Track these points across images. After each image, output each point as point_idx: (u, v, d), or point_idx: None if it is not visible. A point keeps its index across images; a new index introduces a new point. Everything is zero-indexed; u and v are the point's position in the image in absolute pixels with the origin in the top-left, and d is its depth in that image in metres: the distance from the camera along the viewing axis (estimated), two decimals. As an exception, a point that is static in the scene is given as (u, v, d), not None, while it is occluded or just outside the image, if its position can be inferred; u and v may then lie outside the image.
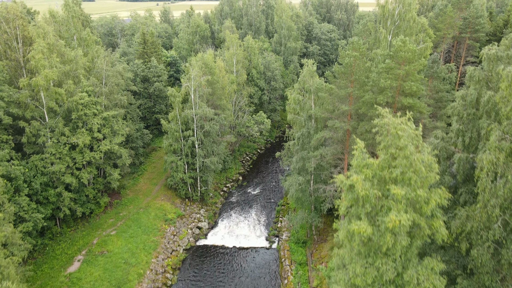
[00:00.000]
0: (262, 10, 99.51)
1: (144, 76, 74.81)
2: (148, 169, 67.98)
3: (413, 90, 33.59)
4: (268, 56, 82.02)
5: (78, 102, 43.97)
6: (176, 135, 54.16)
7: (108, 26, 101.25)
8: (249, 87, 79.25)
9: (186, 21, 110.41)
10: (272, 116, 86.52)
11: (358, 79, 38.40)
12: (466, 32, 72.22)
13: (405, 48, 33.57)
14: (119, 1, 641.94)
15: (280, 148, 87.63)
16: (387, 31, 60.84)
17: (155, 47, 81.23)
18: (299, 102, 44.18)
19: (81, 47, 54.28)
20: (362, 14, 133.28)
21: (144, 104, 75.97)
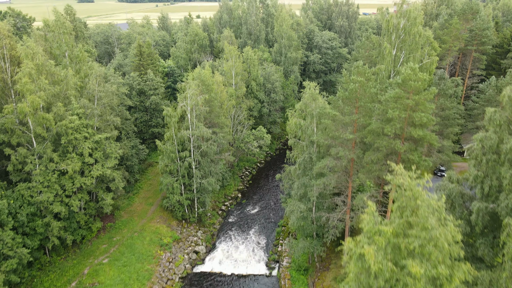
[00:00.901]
0: (261, 19, 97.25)
1: (140, 89, 72.56)
2: (144, 187, 65.70)
3: (424, 121, 31.33)
4: (268, 67, 79.76)
5: (67, 126, 41.68)
6: (172, 156, 51.88)
7: (104, 34, 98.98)
8: (249, 100, 77.00)
9: (184, 28, 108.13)
10: (272, 128, 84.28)
11: (364, 105, 36.16)
12: (473, 45, 70.03)
13: (415, 77, 31.31)
14: (119, 2, 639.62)
15: (280, 162, 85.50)
16: (391, 45, 58.56)
17: (151, 58, 78.96)
18: (301, 127, 41.92)
19: (73, 64, 51.96)
20: (364, 20, 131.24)
21: (140, 118, 73.72)
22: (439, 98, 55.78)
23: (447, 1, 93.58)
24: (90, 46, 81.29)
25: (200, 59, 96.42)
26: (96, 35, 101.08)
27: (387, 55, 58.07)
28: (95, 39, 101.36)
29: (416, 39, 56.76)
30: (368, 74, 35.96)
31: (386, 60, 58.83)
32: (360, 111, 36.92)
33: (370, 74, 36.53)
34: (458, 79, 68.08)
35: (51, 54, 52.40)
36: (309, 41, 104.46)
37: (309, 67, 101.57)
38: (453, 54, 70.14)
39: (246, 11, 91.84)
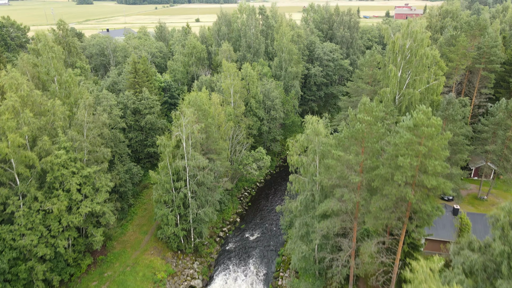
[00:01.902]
0: (261, 31, 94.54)
1: (135, 108, 69.89)
2: (139, 212, 63.01)
3: (438, 170, 28.64)
4: (268, 84, 77.06)
5: (53, 162, 38.99)
6: (166, 186, 49.18)
7: (99, 46, 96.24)
8: (248, 118, 74.32)
9: (182, 39, 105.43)
10: (272, 146, 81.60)
11: (371, 146, 33.48)
12: (480, 63, 67.33)
13: (427, 122, 28.62)
14: (118, 4, 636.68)
15: (281, 180, 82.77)
16: (397, 68, 55.92)
17: (147, 74, 76.26)
18: (302, 164, 39.25)
19: (62, 89, 49.26)
20: (365, 29, 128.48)
21: (135, 138, 71.05)
22: (447, 123, 53.08)
23: (452, 13, 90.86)
24: (83, 61, 78.58)
25: (198, 72, 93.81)
26: (91, 47, 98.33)
27: (393, 78, 55.47)
28: (90, 50, 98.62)
29: (423, 61, 54.17)
30: (376, 112, 33.27)
31: (391, 83, 56.23)
32: (367, 151, 34.25)
33: (379, 112, 33.85)
34: (466, 100, 65.37)
35: (39, 79, 49.71)
36: (310, 53, 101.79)
37: (310, 80, 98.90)
38: (460, 73, 67.42)
39: (245, 24, 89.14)
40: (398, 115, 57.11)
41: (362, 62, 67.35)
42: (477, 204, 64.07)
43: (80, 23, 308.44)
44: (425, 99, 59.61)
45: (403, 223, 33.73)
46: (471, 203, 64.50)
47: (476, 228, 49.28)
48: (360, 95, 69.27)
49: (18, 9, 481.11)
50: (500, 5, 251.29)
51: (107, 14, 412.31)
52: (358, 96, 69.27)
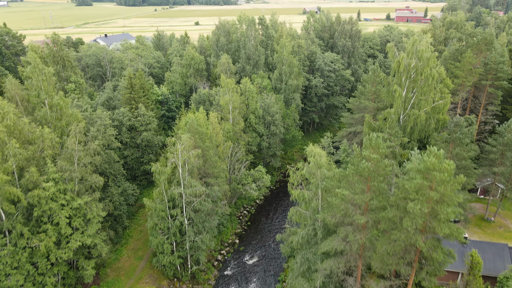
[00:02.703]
0: (261, 41, 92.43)
1: (131, 125, 67.82)
2: (134, 235, 60.92)
3: (450, 217, 26.56)
4: (268, 98, 74.97)
5: (41, 196, 36.90)
6: (162, 214, 47.09)
7: (96, 57, 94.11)
8: (247, 134, 72.23)
9: (180, 49, 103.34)
10: (272, 161, 79.50)
11: (377, 185, 31.38)
12: (487, 79, 65.24)
13: (439, 166, 26.53)
14: (117, 5, 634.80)
15: (282, 195, 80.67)
16: (401, 87, 53.84)
17: (143, 89, 74.19)
18: (304, 199, 37.17)
19: (53, 113, 47.16)
20: (367, 36, 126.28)
21: (131, 155, 68.97)
22: (454, 147, 51.00)
23: (456, 24, 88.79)
24: (78, 75, 76.48)
25: (196, 84, 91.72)
26: (87, 57, 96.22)
27: (397, 98, 53.39)
28: (87, 61, 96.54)
29: (429, 81, 52.05)
30: (383, 149, 31.18)
31: (396, 103, 54.16)
32: (373, 189, 32.16)
33: (385, 148, 31.76)
34: (472, 118, 63.29)
35: (29, 102, 47.64)
36: (310, 63, 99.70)
37: (310, 91, 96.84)
38: (466, 89, 65.34)
39: (244, 35, 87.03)
40: (402, 136, 55.09)
41: (365, 78, 65.29)
42: (484, 226, 61.99)
43: (79, 27, 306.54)
44: (430, 119, 57.55)
45: (412, 267, 31.65)
46: (478, 225, 62.41)
47: (485, 257, 47.22)
48: (363, 112, 67.24)
49: (16, 11, 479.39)
50: (505, 14, 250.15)
51: (106, 16, 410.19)
52: (361, 113, 67.20)
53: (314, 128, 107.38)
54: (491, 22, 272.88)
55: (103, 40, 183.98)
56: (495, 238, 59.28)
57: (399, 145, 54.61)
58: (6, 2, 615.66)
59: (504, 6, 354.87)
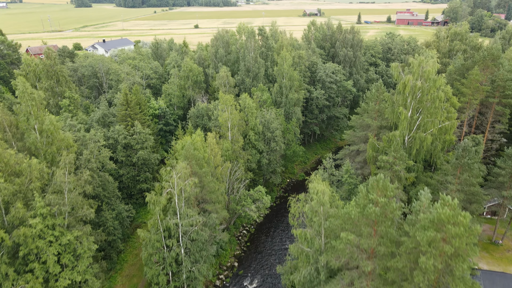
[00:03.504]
0: (261, 52, 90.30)
1: (127, 144, 65.75)
2: (129, 259, 58.83)
3: (466, 273, 24.47)
4: (268, 114, 72.88)
5: (27, 235, 34.80)
6: (157, 245, 45.02)
7: (92, 68, 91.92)
8: (246, 151, 70.14)
9: (179, 59, 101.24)
10: (272, 178, 77.38)
11: (385, 230, 29.28)
12: (494, 96, 63.16)
13: (454, 219, 24.43)
14: (117, 7, 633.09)
15: (282, 213, 78.44)
16: (407, 109, 51.75)
17: (140, 105, 72.13)
18: (306, 238, 35.05)
19: (43, 138, 45.07)
20: (369, 45, 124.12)
21: (126, 174, 66.93)
22: (462, 172, 48.90)
23: (461, 36, 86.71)
24: (73, 90, 74.39)
25: (194, 96, 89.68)
26: (83, 68, 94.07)
27: (403, 121, 51.28)
28: (83, 71, 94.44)
29: (436, 104, 49.95)
30: (390, 192, 29.09)
31: (401, 125, 52.06)
32: (380, 233, 30.05)
33: (393, 189, 29.66)
34: (479, 137, 61.21)
35: (18, 129, 45.55)
36: (311, 74, 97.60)
37: (311, 103, 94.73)
38: (473, 108, 63.26)
39: (244, 46, 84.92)
40: (408, 159, 53.00)
41: (368, 95, 63.20)
42: (492, 250, 59.89)
43: (77, 30, 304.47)
44: (437, 140, 55.46)
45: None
46: (485, 248, 60.29)
47: (496, 290, 45.26)
48: (366, 130, 65.15)
49: (15, 13, 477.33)
50: (510, 21, 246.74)
51: (105, 19, 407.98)
52: (364, 131, 65.10)
53: (315, 140, 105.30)
54: (496, 29, 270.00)
55: (101, 46, 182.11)
56: (503, 263, 57.20)
57: (405, 170, 52.53)
58: (5, 3, 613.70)
59: (506, 8, 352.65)
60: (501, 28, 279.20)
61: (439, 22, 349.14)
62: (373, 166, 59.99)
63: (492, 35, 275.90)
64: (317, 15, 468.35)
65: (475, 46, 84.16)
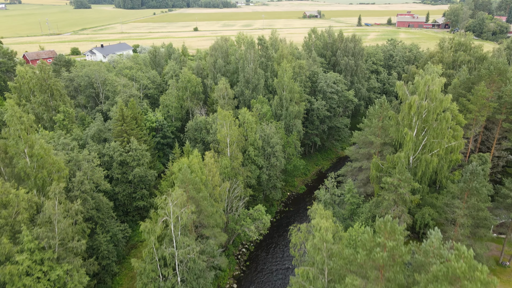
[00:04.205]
0: (260, 63, 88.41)
1: (123, 160, 63.84)
2: (124, 283, 56.91)
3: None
4: (268, 128, 70.97)
5: (13, 273, 32.88)
6: (152, 275, 43.12)
7: (88, 78, 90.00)
8: (246, 167, 68.26)
9: (177, 68, 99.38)
10: (272, 193, 75.46)
11: (394, 277, 27.38)
12: (501, 113, 61.28)
13: (470, 274, 22.51)
14: (116, 8, 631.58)
15: (282, 228, 76.52)
16: (412, 130, 49.87)
17: (136, 120, 70.23)
18: (308, 277, 33.14)
19: (33, 163, 43.17)
20: (370, 52, 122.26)
21: (122, 191, 65.02)
22: (470, 196, 47.02)
23: (465, 46, 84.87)
24: (68, 104, 72.49)
25: (193, 107, 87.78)
26: (79, 78, 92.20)
27: (408, 142, 49.39)
28: (79, 82, 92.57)
29: (442, 125, 48.06)
30: (399, 235, 27.20)
31: (406, 147, 50.21)
32: (387, 277, 28.16)
33: (402, 230, 27.77)
34: (486, 156, 59.38)
35: (7, 153, 43.63)
36: (312, 84, 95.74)
37: (312, 113, 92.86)
38: (480, 124, 61.39)
39: (243, 57, 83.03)
40: (413, 181, 51.10)
41: (371, 112, 61.32)
42: (499, 272, 57.98)
43: (76, 33, 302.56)
44: (443, 160, 53.58)
45: None
46: (492, 270, 58.28)
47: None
48: (369, 147, 63.28)
49: (14, 14, 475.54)
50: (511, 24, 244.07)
51: (104, 21, 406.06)
52: (367, 147, 63.22)
53: (316, 150, 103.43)
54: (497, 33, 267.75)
55: (100, 51, 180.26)
56: (510, 287, 55.36)
57: (410, 193, 50.64)
58: (4, 4, 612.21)
59: (507, 11, 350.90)
60: (502, 31, 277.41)
61: (440, 24, 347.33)
62: (377, 186, 58.15)
63: (494, 38, 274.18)
64: (317, 17, 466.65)
65: (480, 57, 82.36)
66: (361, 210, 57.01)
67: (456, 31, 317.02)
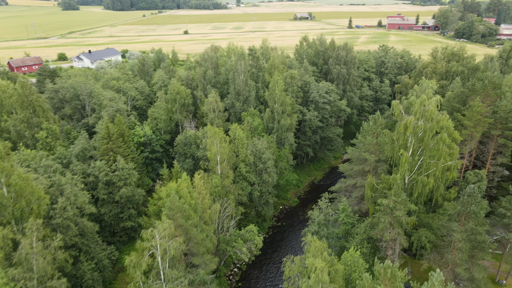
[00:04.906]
0: (251, 74, 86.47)
1: (109, 181, 61.38)
2: (111, 311, 54.59)
3: None
4: (259, 144, 69.04)
5: (-14, 321, 30.49)
6: (138, 310, 40.92)
7: (74, 89, 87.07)
8: (237, 184, 66.29)
9: (166, 78, 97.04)
10: (264, 210, 73.57)
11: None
12: (496, 128, 60.26)
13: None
14: (105, 10, 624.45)
15: (276, 244, 74.69)
16: (407, 150, 48.40)
17: (123, 137, 67.77)
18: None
19: (11, 193, 40.67)
20: (362, 59, 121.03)
21: (109, 212, 62.56)
22: (468, 220, 45.70)
23: (457, 57, 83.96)
24: (51, 120, 69.71)
25: (182, 120, 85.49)
26: (64, 89, 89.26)
27: (404, 163, 47.91)
28: (64, 93, 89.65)
29: (439, 146, 46.67)
30: (399, 283, 25.49)
31: (402, 168, 48.76)
32: (388, 325, 26.46)
33: (403, 278, 26.09)
34: (482, 173, 58.30)
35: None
36: (304, 94, 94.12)
37: (305, 124, 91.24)
38: (475, 140, 60.30)
39: (233, 69, 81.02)
40: (409, 203, 49.62)
41: (365, 128, 59.83)
42: (495, 292, 56.96)
43: (63, 36, 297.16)
44: (439, 180, 52.23)
45: None
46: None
47: None
48: (363, 164, 61.75)
49: (0, 16, 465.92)
50: (500, 26, 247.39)
51: (92, 23, 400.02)
52: (361, 164, 61.70)
53: (309, 160, 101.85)
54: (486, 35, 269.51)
55: (87, 57, 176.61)
56: (508, 307, 54.30)
57: (406, 215, 49.16)
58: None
59: (495, 12, 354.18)
60: (491, 33, 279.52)
61: (429, 26, 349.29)
62: (372, 206, 56.66)
63: (483, 40, 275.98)
64: (308, 18, 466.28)
65: (473, 68, 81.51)
66: (355, 230, 55.46)
67: (446, 33, 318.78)
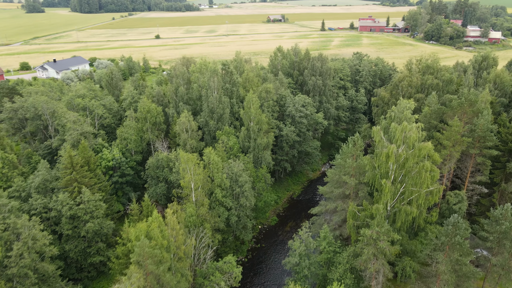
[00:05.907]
0: (225, 89, 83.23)
1: (73, 215, 56.76)
2: None
3: None
4: (235, 166, 65.94)
5: None
6: None
7: (35, 108, 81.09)
8: (213, 210, 63.03)
9: (135, 93, 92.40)
10: (242, 234, 70.54)
11: None
12: (474, 147, 59.71)
13: None
14: (72, 12, 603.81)
15: (256, 266, 71.69)
16: (389, 179, 46.63)
17: (89, 165, 63.10)
18: None
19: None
20: (336, 67, 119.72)
21: (74, 248, 57.94)
22: (452, 250, 44.36)
23: (432, 69, 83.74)
24: (8, 147, 64.13)
25: (154, 139, 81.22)
26: (24, 109, 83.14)
27: (386, 193, 46.11)
28: (24, 113, 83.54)
29: (422, 174, 45.10)
30: None
31: (384, 197, 47.05)
32: None
33: None
34: (462, 193, 57.59)
35: None
36: (280, 108, 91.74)
37: (282, 139, 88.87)
38: (454, 160, 59.51)
39: (206, 86, 77.57)
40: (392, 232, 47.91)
41: (344, 150, 57.84)
42: (479, 314, 56.34)
43: (27, 43, 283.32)
44: (421, 207, 50.84)
45: None
46: (473, 312, 56.61)
47: None
48: (343, 187, 59.79)
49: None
50: (482, 48, 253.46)
51: (58, 27, 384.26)
52: (341, 187, 59.70)
53: (287, 174, 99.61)
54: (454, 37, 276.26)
55: (52, 66, 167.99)
56: (492, 331, 53.70)
57: (390, 244, 47.41)
58: None
59: (462, 14, 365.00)
60: (459, 36, 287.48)
61: (400, 28, 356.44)
62: (354, 233, 54.70)
63: (451, 42, 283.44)
64: (281, 21, 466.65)
65: (447, 80, 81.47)
66: (338, 259, 53.37)
67: (416, 35, 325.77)
